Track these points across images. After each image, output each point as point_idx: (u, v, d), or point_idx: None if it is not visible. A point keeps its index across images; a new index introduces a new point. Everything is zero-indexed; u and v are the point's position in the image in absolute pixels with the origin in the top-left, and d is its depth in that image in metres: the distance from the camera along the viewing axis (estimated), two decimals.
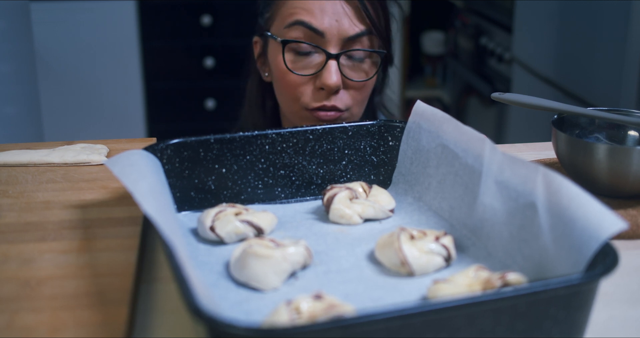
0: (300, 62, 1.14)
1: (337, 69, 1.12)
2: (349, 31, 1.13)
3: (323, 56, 1.13)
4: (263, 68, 1.25)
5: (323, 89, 1.13)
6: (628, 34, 1.72)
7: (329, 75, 1.11)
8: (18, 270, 0.69)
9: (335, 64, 1.12)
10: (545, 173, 0.65)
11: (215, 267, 0.70)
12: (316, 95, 1.14)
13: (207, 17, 2.92)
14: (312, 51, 1.14)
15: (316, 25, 1.12)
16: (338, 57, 1.12)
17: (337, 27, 1.12)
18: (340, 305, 0.57)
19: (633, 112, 0.91)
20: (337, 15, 1.12)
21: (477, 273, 0.63)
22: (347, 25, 1.13)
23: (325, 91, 1.13)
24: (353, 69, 1.15)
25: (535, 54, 2.29)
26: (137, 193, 0.66)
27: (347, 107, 1.15)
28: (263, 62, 1.24)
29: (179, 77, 3.01)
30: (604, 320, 0.65)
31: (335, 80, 1.11)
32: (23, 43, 1.85)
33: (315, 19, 1.12)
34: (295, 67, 1.14)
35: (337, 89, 1.13)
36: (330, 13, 1.12)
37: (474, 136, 0.75)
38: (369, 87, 1.19)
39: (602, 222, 0.59)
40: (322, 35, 1.12)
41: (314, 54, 1.14)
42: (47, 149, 0.97)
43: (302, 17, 1.13)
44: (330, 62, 1.12)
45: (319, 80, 1.13)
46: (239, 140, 0.82)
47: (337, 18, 1.12)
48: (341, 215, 0.78)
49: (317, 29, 1.12)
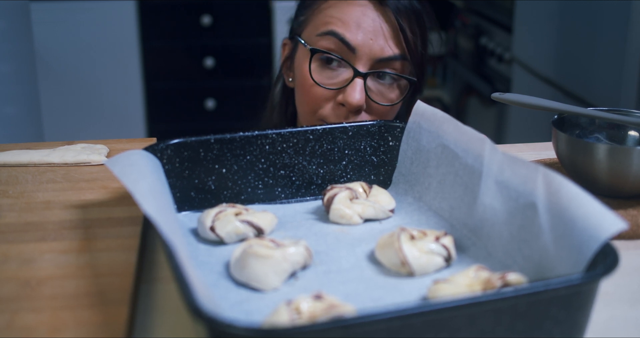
0: (326, 74, 1.10)
1: (363, 88, 1.07)
2: (383, 52, 1.08)
3: (350, 72, 1.08)
4: (288, 72, 1.20)
5: (344, 105, 1.08)
6: (628, 34, 1.72)
7: (352, 93, 1.07)
8: (18, 270, 0.69)
9: (362, 83, 1.07)
10: (545, 173, 0.65)
11: (215, 267, 0.70)
12: (336, 111, 1.10)
13: (207, 17, 2.92)
14: (340, 65, 1.09)
15: (349, 39, 1.07)
16: (366, 76, 1.08)
17: (370, 46, 1.08)
18: (340, 305, 0.57)
19: (633, 112, 0.91)
20: (374, 34, 1.08)
21: (477, 274, 0.63)
22: (382, 46, 1.08)
23: (345, 108, 1.08)
24: (379, 92, 1.10)
25: (535, 54, 2.29)
26: (137, 193, 0.66)
27: None
28: (289, 66, 1.20)
29: (179, 77, 3.01)
30: (604, 320, 0.65)
31: (359, 99, 1.07)
32: (23, 43, 1.85)
33: (350, 33, 1.08)
34: (320, 78, 1.10)
35: (359, 108, 1.08)
36: (367, 30, 1.08)
37: (474, 136, 0.75)
38: (393, 113, 1.14)
39: (602, 222, 0.59)
40: (354, 50, 1.08)
41: (341, 69, 1.09)
42: (47, 149, 0.97)
43: (336, 28, 1.08)
44: (357, 79, 1.07)
45: (342, 96, 1.08)
46: (239, 140, 0.82)
47: (373, 36, 1.08)
48: (341, 215, 0.78)
49: (349, 43, 1.07)
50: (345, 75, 1.09)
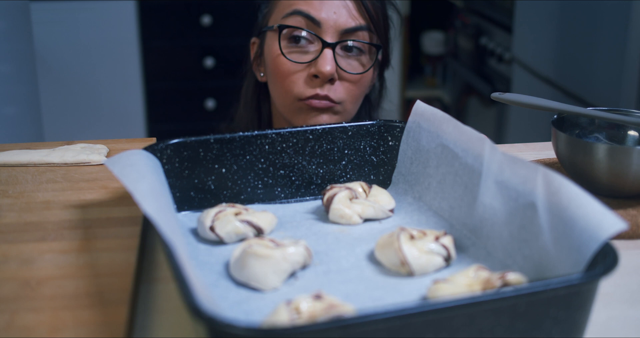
0: (296, 52, 1.16)
1: (332, 57, 1.13)
2: (347, 23, 1.14)
3: (319, 45, 1.14)
4: (259, 69, 1.25)
5: (317, 76, 1.14)
6: (628, 34, 1.72)
7: (323, 63, 1.12)
8: (18, 270, 0.69)
9: (331, 53, 1.13)
10: (545, 173, 0.65)
11: (215, 267, 0.70)
12: (309, 83, 1.15)
13: (207, 17, 2.92)
14: (308, 40, 1.15)
15: (314, 15, 1.14)
16: (334, 46, 1.14)
17: (335, 19, 1.14)
18: (340, 305, 0.57)
19: (633, 112, 0.91)
20: (336, 8, 1.14)
21: (477, 273, 0.63)
22: (345, 18, 1.14)
23: (319, 79, 1.14)
24: (348, 62, 1.16)
25: (535, 54, 2.29)
26: (137, 193, 0.66)
27: (340, 100, 1.16)
28: (259, 63, 1.25)
29: (179, 77, 3.01)
30: (604, 320, 0.65)
31: (330, 69, 1.12)
32: (23, 43, 1.85)
33: (314, 9, 1.14)
34: (291, 54, 1.15)
35: (331, 77, 1.14)
36: (330, 4, 1.14)
37: (473, 136, 0.75)
38: (364, 84, 1.19)
39: (602, 223, 0.59)
40: (319, 24, 1.14)
41: (310, 45, 1.15)
42: (47, 148, 0.97)
43: (299, 7, 1.15)
44: (326, 50, 1.13)
45: (314, 68, 1.14)
46: (238, 140, 0.82)
47: (336, 10, 1.14)
48: (341, 215, 0.78)
49: (314, 18, 1.14)
50: (314, 48, 1.16)
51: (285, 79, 1.16)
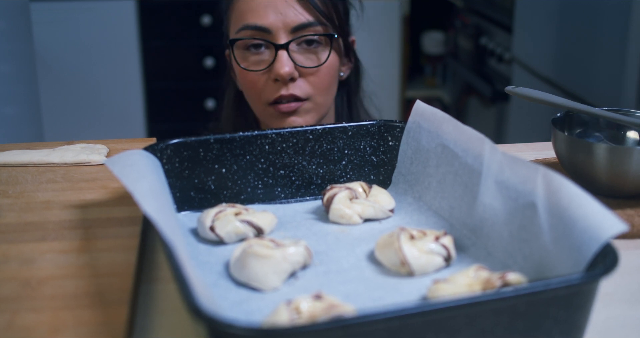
0: (254, 61, 1.17)
1: (288, 57, 1.15)
2: (295, 21, 1.15)
3: (273, 49, 1.15)
4: (235, 77, 1.27)
5: (278, 80, 1.15)
6: (628, 34, 1.72)
7: (280, 65, 1.14)
8: (18, 270, 0.69)
9: (285, 54, 1.15)
10: (545, 173, 0.65)
11: (215, 267, 0.70)
12: (273, 87, 1.17)
13: (207, 17, 2.92)
14: (262, 47, 1.17)
15: (261, 23, 1.15)
16: (286, 46, 1.15)
17: (282, 20, 1.15)
18: (340, 305, 0.57)
19: (633, 112, 0.91)
20: (282, 8, 1.15)
21: (477, 273, 0.63)
22: (292, 16, 1.15)
23: (280, 82, 1.15)
24: (305, 57, 1.17)
25: (535, 54, 2.29)
26: (137, 193, 0.66)
27: (307, 95, 1.17)
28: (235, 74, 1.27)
29: (178, 77, 3.01)
30: (604, 320, 0.65)
31: (287, 70, 1.14)
32: (23, 43, 1.85)
33: (260, 18, 1.15)
34: (249, 64, 1.18)
35: (291, 77, 1.15)
36: (275, 8, 1.15)
37: (473, 136, 0.75)
38: (330, 73, 1.20)
39: (603, 223, 0.59)
40: (268, 30, 1.15)
41: (266, 51, 1.17)
42: (47, 149, 0.97)
43: (247, 20, 1.16)
44: (280, 52, 1.15)
45: (273, 72, 1.15)
46: (238, 140, 0.82)
47: (282, 10, 1.15)
48: (341, 215, 0.78)
49: (262, 26, 1.15)
50: (269, 53, 1.17)
51: (251, 88, 1.19)
